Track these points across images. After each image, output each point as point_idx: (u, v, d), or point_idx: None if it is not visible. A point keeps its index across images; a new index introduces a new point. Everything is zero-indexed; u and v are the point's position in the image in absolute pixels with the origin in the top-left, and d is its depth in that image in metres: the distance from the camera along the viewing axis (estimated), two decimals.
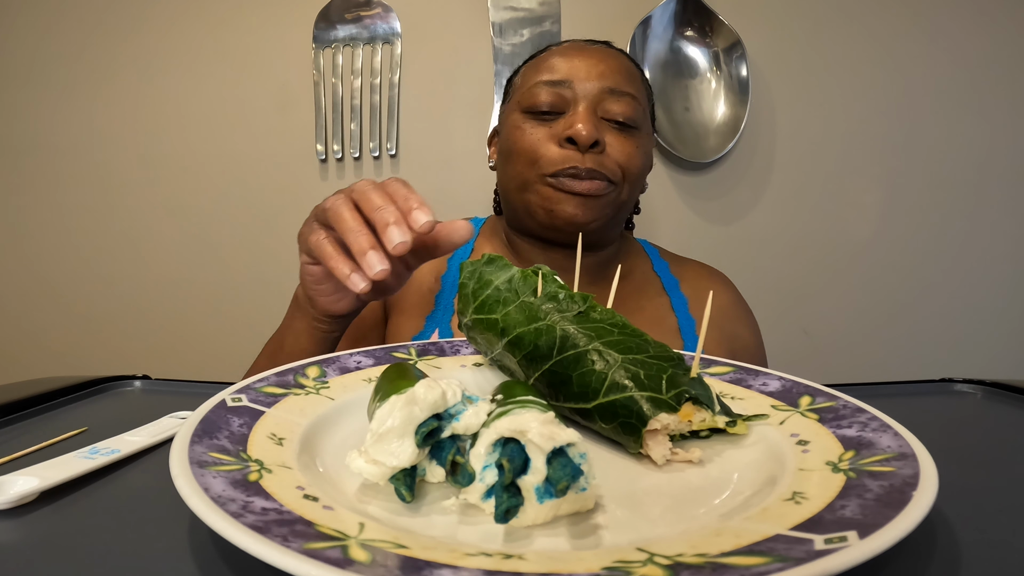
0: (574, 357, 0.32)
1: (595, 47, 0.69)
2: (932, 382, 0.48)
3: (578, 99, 0.65)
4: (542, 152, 0.64)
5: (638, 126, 0.66)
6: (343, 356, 0.41)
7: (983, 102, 1.15)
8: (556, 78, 0.66)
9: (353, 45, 1.17)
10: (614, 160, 0.64)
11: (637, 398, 0.30)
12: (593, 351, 0.32)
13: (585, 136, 0.62)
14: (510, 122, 0.68)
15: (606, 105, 0.65)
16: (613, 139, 0.65)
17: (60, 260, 1.27)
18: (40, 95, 1.24)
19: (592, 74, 0.65)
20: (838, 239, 1.19)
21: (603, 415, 0.30)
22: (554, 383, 0.33)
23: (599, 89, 0.65)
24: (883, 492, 0.22)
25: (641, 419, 0.29)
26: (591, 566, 0.19)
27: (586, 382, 0.31)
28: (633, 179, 0.66)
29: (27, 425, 0.38)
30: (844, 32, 1.15)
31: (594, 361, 0.31)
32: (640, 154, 0.66)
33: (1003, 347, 1.20)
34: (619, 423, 0.30)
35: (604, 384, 0.30)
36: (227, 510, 0.20)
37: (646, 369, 0.31)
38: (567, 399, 0.32)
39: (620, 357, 0.31)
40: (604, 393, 0.30)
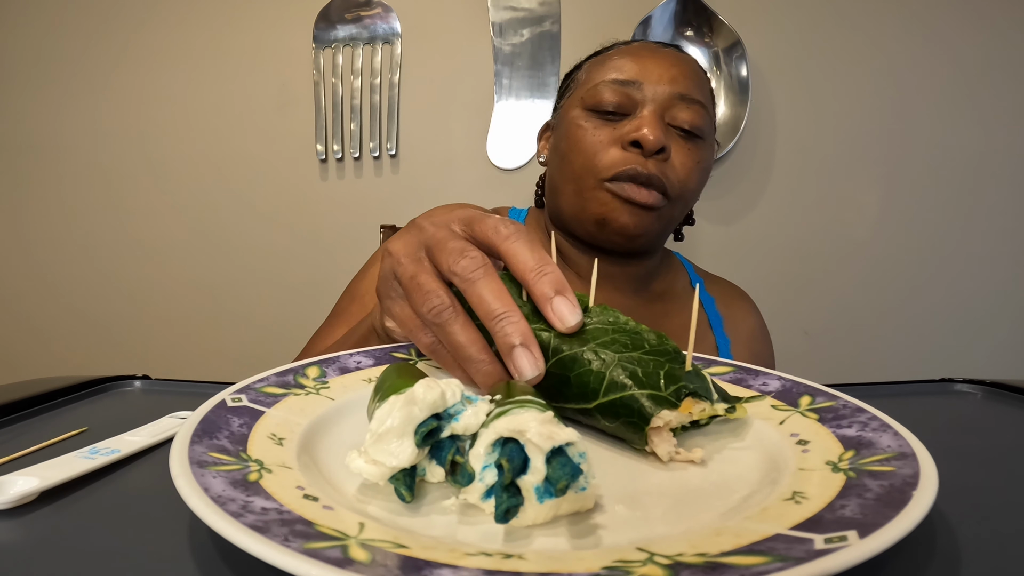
0: (570, 358, 0.32)
1: (667, 50, 0.67)
2: (932, 382, 0.48)
3: (646, 102, 0.62)
4: (603, 154, 0.62)
5: (704, 136, 0.64)
6: (343, 356, 0.40)
7: (982, 102, 1.15)
8: (625, 78, 0.63)
9: (353, 45, 1.17)
10: (676, 172, 0.62)
11: (637, 396, 0.30)
12: (589, 351, 0.32)
13: (652, 140, 0.59)
14: (570, 118, 0.66)
15: (674, 111, 0.62)
16: (677, 149, 0.62)
17: (60, 260, 1.27)
18: (41, 96, 1.24)
19: (664, 77, 0.63)
20: (838, 239, 1.19)
21: (605, 414, 0.31)
22: (554, 384, 0.33)
23: (669, 94, 0.62)
24: (883, 492, 0.22)
25: (643, 418, 0.29)
26: (591, 566, 0.19)
27: (584, 382, 0.31)
28: (690, 194, 0.64)
29: (27, 425, 0.38)
30: (844, 32, 1.15)
31: (590, 361, 0.31)
32: (701, 168, 0.64)
33: (1003, 347, 1.20)
34: (622, 422, 0.30)
35: (603, 384, 0.30)
36: (227, 510, 0.20)
37: (643, 367, 0.31)
38: (568, 400, 0.32)
39: (616, 356, 0.31)
40: (604, 393, 0.30)
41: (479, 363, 0.33)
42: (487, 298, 0.33)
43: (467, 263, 0.34)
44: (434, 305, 0.34)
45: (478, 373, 0.34)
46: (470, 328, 0.34)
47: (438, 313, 0.34)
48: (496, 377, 0.33)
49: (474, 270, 0.34)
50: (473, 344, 0.34)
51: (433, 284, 0.35)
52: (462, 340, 0.34)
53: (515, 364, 0.31)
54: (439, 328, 0.34)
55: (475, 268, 0.34)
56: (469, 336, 0.34)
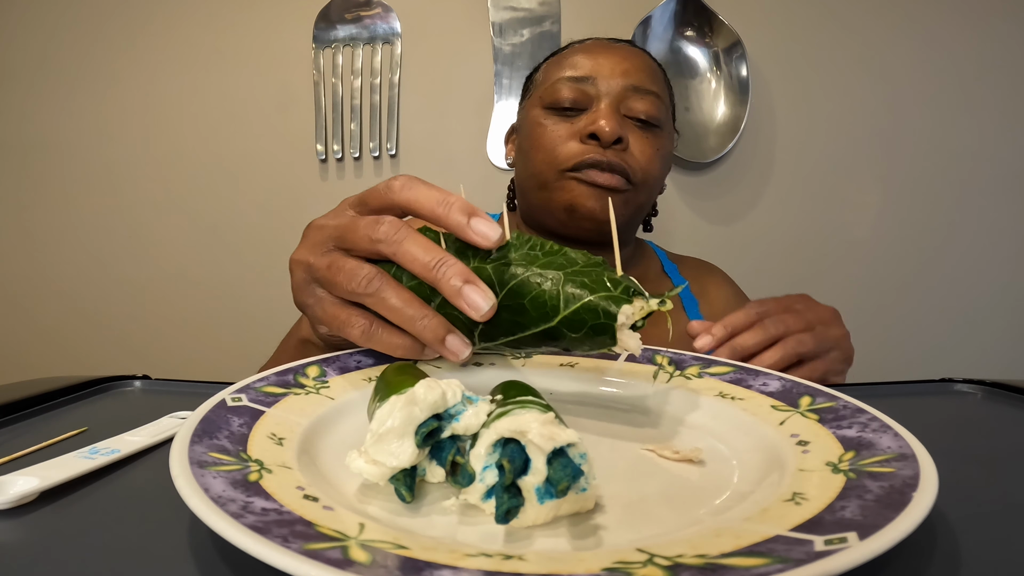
0: (519, 284, 0.33)
1: (619, 45, 0.69)
2: (932, 382, 0.48)
3: (601, 96, 0.64)
4: (563, 147, 0.64)
5: (660, 125, 0.66)
6: (343, 356, 0.40)
7: (982, 102, 1.15)
8: (579, 74, 0.66)
9: (353, 45, 1.17)
10: (635, 159, 0.64)
11: (596, 300, 0.31)
12: (533, 275, 0.33)
13: (608, 132, 0.61)
14: (531, 118, 0.68)
15: (629, 103, 0.64)
16: (635, 138, 0.64)
17: (60, 260, 1.27)
18: (41, 96, 1.24)
19: (616, 71, 0.65)
20: (838, 239, 1.19)
21: (571, 326, 0.32)
22: (511, 316, 0.33)
23: (623, 86, 0.64)
24: (883, 493, 0.22)
25: (609, 316, 0.31)
26: (591, 567, 0.19)
27: (542, 302, 0.32)
28: (652, 180, 0.66)
29: (27, 425, 0.38)
30: (844, 32, 1.15)
31: (539, 283, 0.32)
32: (660, 155, 0.66)
33: (1003, 347, 1.20)
34: (589, 328, 0.31)
35: (560, 299, 0.32)
36: (227, 510, 0.20)
37: (587, 277, 0.32)
38: (529, 325, 0.33)
39: (560, 273, 0.32)
40: (564, 306, 0.32)
41: (421, 319, 0.34)
42: (419, 253, 0.33)
43: (387, 228, 0.34)
44: (362, 276, 0.34)
45: (424, 329, 0.34)
46: (403, 290, 0.34)
47: (368, 282, 0.34)
48: (441, 330, 0.34)
49: (397, 231, 0.34)
50: (410, 303, 0.34)
51: (352, 263, 0.35)
52: (398, 302, 0.34)
53: (467, 302, 0.32)
54: (373, 298, 0.34)
55: (397, 229, 0.34)
56: (404, 297, 0.34)
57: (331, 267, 0.36)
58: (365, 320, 0.36)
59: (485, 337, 0.35)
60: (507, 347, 0.35)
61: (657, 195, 0.72)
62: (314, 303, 0.38)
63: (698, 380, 0.39)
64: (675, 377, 0.40)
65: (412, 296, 0.34)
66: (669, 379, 0.40)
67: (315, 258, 0.37)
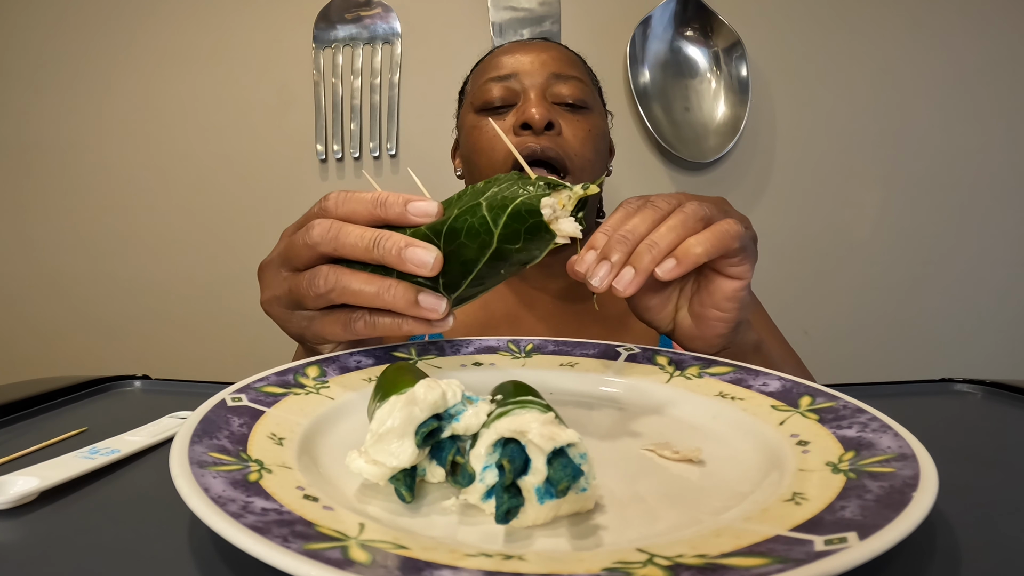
0: (450, 231, 0.34)
1: (536, 41, 0.72)
2: (932, 382, 0.48)
3: (527, 88, 0.66)
4: (499, 145, 0.65)
5: (589, 107, 0.67)
6: (343, 356, 0.40)
7: (982, 102, 1.15)
8: (503, 73, 0.68)
9: (353, 45, 1.17)
10: (569, 143, 0.65)
11: (517, 206, 0.33)
12: (460, 214, 0.34)
13: (538, 118, 0.62)
14: (466, 125, 0.70)
15: (554, 89, 0.66)
16: (566, 122, 0.65)
17: (60, 260, 1.27)
18: (41, 96, 1.24)
19: (536, 62, 0.67)
20: (838, 239, 1.19)
21: (509, 240, 0.33)
22: (457, 260, 0.34)
23: (545, 75, 0.66)
24: (883, 493, 0.22)
25: (533, 213, 0.32)
26: (591, 567, 0.19)
27: (475, 233, 0.34)
28: (589, 163, 0.66)
29: (27, 425, 0.38)
30: (844, 32, 1.15)
31: (467, 218, 0.34)
32: (593, 135, 0.67)
33: (1003, 347, 1.20)
34: (523, 233, 0.33)
35: (489, 221, 0.33)
36: (227, 510, 0.20)
37: (504, 192, 0.34)
38: (477, 259, 0.34)
39: (481, 201, 0.34)
40: (495, 225, 0.33)
41: (387, 290, 0.35)
42: (356, 240, 0.35)
43: (318, 230, 0.36)
44: (318, 278, 0.36)
45: (394, 298, 0.35)
46: (358, 272, 0.36)
47: (324, 280, 0.36)
48: (410, 293, 0.35)
49: (329, 227, 0.36)
50: (370, 280, 0.36)
51: (306, 273, 0.37)
52: (359, 284, 0.36)
53: (412, 263, 0.34)
54: (336, 291, 0.36)
55: (328, 226, 0.36)
56: (362, 277, 0.36)
57: (292, 288, 0.38)
58: (358, 312, 0.37)
59: (450, 289, 0.36)
60: (473, 288, 0.36)
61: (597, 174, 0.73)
62: (306, 326, 0.40)
63: (698, 380, 0.39)
64: (675, 377, 0.40)
65: (370, 274, 0.36)
66: (669, 379, 0.40)
67: (279, 290, 0.39)
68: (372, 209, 0.36)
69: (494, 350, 0.45)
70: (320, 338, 0.39)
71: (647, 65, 1.13)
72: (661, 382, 0.39)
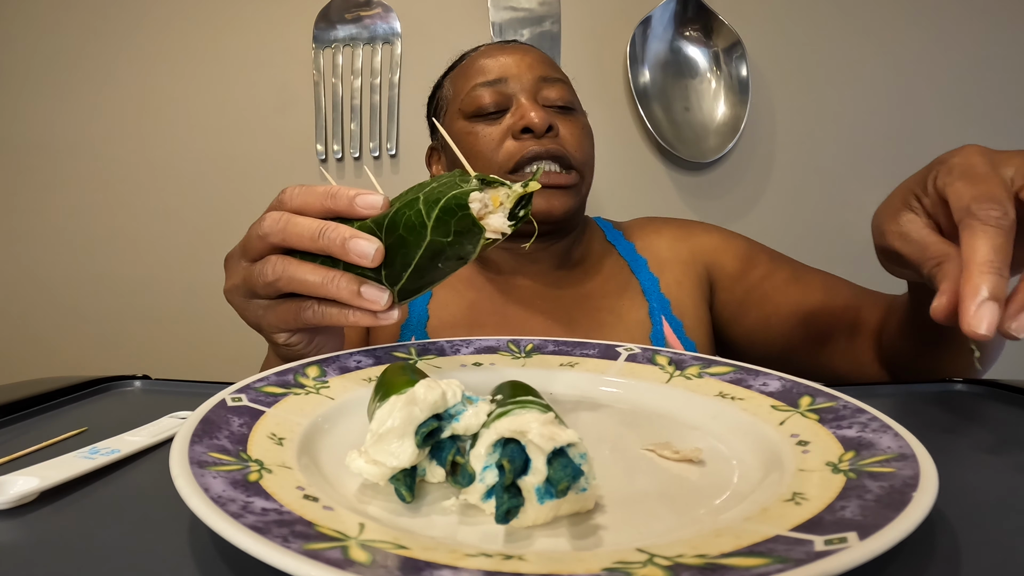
0: (391, 223, 0.36)
1: (512, 44, 0.72)
2: (932, 382, 0.48)
3: (518, 92, 0.66)
4: (500, 149, 0.65)
5: (575, 108, 0.69)
6: (343, 356, 0.41)
7: (983, 101, 1.15)
8: (492, 77, 0.67)
9: (353, 45, 1.17)
10: (569, 143, 0.66)
11: (448, 201, 0.34)
12: (401, 207, 0.36)
13: (539, 122, 0.63)
14: (456, 131, 0.69)
15: (543, 93, 0.67)
16: (561, 124, 0.66)
17: (60, 260, 1.27)
18: (39, 96, 1.24)
19: (523, 66, 0.67)
20: (838, 239, 1.19)
21: (440, 232, 0.34)
22: (397, 251, 0.36)
23: (533, 79, 0.67)
24: (883, 493, 0.22)
25: (462, 207, 0.34)
26: (591, 567, 0.19)
27: (412, 226, 0.35)
28: (588, 159, 0.68)
29: (27, 425, 0.38)
30: (844, 32, 1.15)
31: (406, 211, 0.35)
32: (587, 134, 0.69)
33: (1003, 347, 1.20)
34: (453, 227, 0.34)
35: (424, 214, 0.34)
36: (227, 510, 0.20)
37: (442, 188, 0.35)
38: (413, 250, 0.35)
39: (419, 195, 0.35)
40: (428, 217, 0.34)
41: (332, 280, 0.37)
42: (303, 230, 0.37)
43: (269, 220, 0.38)
44: (267, 267, 0.38)
45: (338, 289, 0.36)
46: (305, 263, 0.38)
47: (273, 268, 0.38)
48: (354, 284, 0.36)
49: (278, 219, 0.38)
50: (315, 270, 0.37)
51: (257, 263, 0.39)
52: (305, 273, 0.37)
53: (355, 253, 0.35)
54: (284, 279, 0.38)
55: (278, 217, 0.38)
56: (308, 267, 0.37)
57: (247, 277, 0.40)
58: (307, 302, 0.39)
59: (392, 281, 0.37)
60: (415, 282, 0.37)
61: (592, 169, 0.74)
62: (261, 315, 0.41)
63: (698, 380, 0.39)
64: (675, 377, 0.40)
65: (316, 265, 0.37)
66: (669, 379, 0.40)
67: (237, 279, 0.41)
68: (323, 201, 0.38)
69: (494, 350, 0.45)
70: (273, 327, 0.41)
71: (647, 65, 1.13)
72: (661, 382, 0.39)
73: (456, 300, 0.69)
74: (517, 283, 0.70)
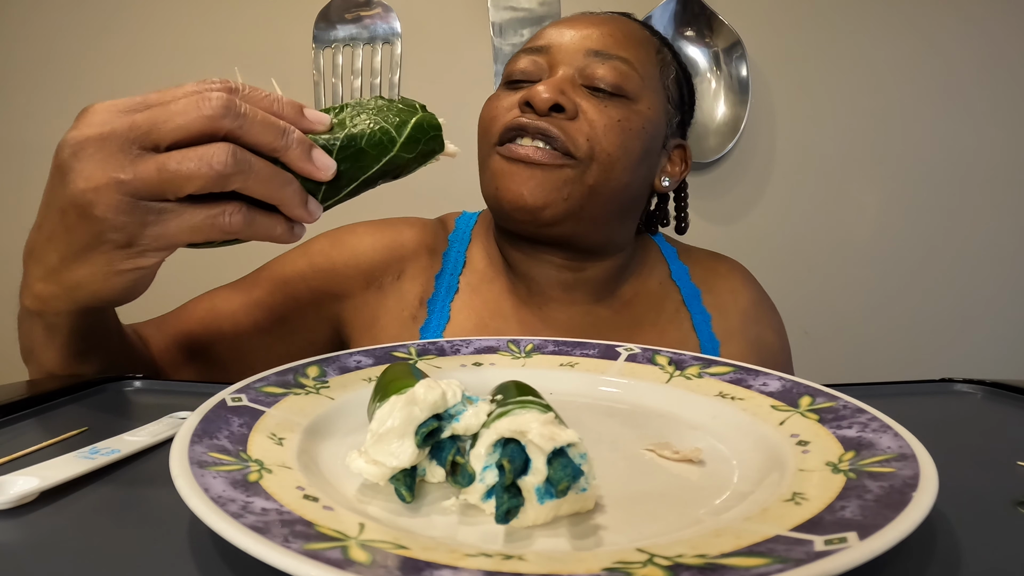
0: (348, 136, 0.36)
1: (595, 15, 0.60)
2: (932, 382, 0.48)
3: (556, 65, 0.55)
4: (499, 119, 0.55)
5: (630, 96, 0.55)
6: (343, 356, 0.41)
7: (982, 102, 1.15)
8: (538, 44, 0.57)
9: (353, 45, 1.17)
10: (585, 128, 0.53)
11: (420, 119, 0.37)
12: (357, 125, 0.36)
13: (543, 97, 0.52)
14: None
15: (588, 70, 0.54)
16: (591, 106, 0.53)
17: None
18: (40, 96, 1.24)
19: (576, 37, 0.56)
20: (838, 239, 1.19)
21: (408, 147, 0.37)
22: (350, 168, 0.36)
23: (580, 52, 0.55)
24: (883, 493, 0.22)
25: (434, 125, 0.38)
26: (591, 567, 0.19)
27: (377, 141, 0.36)
28: (606, 156, 0.53)
29: (27, 425, 0.38)
30: (844, 32, 1.15)
31: (366, 128, 0.36)
32: (623, 128, 0.54)
33: (1003, 347, 1.20)
34: (422, 144, 0.37)
35: (392, 130, 0.36)
36: (227, 510, 0.20)
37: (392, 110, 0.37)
38: (373, 161, 0.36)
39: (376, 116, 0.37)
40: (398, 134, 0.36)
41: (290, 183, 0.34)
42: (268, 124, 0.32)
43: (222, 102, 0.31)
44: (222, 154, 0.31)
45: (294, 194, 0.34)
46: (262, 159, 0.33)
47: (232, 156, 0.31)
48: (304, 193, 0.34)
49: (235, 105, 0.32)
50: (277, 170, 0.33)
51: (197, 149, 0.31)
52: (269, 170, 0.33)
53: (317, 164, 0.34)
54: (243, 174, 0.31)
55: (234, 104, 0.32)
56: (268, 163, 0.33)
57: (163, 168, 0.31)
58: (238, 205, 0.33)
59: (329, 196, 0.37)
60: (346, 197, 0.38)
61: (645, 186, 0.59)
62: (155, 220, 0.32)
63: (698, 380, 0.39)
64: (675, 377, 0.40)
65: (271, 164, 0.33)
66: (669, 379, 0.40)
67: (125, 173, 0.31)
68: (269, 105, 0.33)
69: (494, 350, 0.45)
70: (167, 239, 0.33)
71: None
72: (661, 382, 0.39)
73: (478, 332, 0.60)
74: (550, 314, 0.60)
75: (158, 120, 0.31)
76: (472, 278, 0.62)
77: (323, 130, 0.35)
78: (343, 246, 0.63)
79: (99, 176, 0.31)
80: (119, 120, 0.32)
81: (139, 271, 0.36)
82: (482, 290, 0.61)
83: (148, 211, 0.32)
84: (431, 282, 0.62)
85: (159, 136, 0.31)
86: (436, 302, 0.60)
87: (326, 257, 0.62)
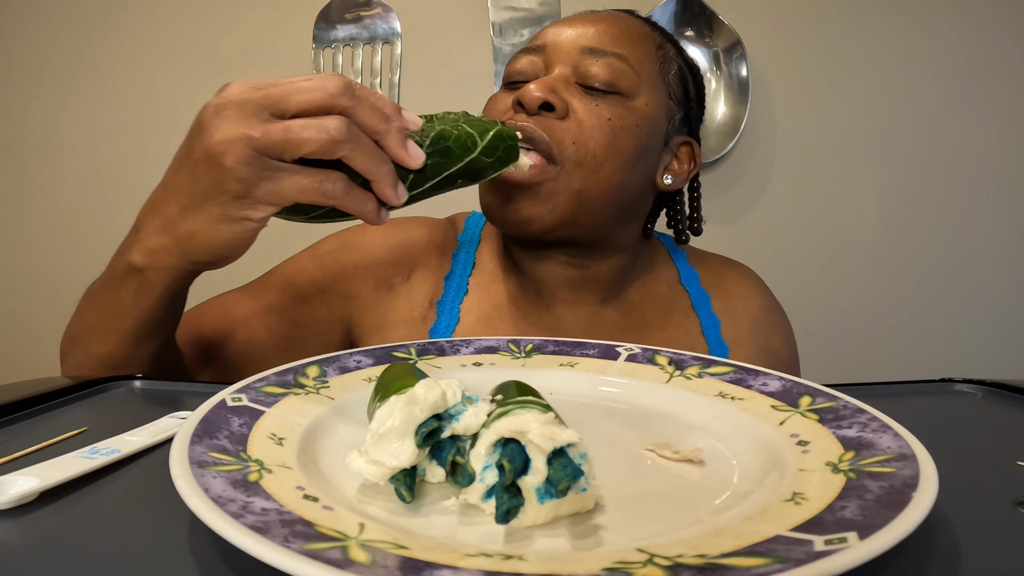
0: (438, 134, 0.41)
1: (595, 13, 0.59)
2: (932, 382, 0.48)
3: (552, 64, 0.55)
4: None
5: (626, 93, 0.54)
6: (343, 356, 0.41)
7: (982, 102, 1.15)
8: (535, 44, 0.57)
9: (353, 45, 1.17)
10: (570, 131, 0.52)
11: (500, 129, 0.43)
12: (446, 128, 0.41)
13: (530, 97, 0.51)
14: None
15: (583, 68, 0.53)
16: (582, 105, 0.52)
17: (60, 260, 1.27)
18: (41, 96, 1.24)
19: (572, 35, 0.55)
20: (838, 239, 1.19)
21: (488, 152, 0.42)
22: (436, 162, 0.40)
23: (575, 50, 0.54)
24: (883, 493, 0.22)
25: (511, 136, 0.44)
26: (591, 567, 0.19)
27: (463, 142, 0.41)
28: (593, 157, 0.52)
29: (27, 425, 0.38)
30: (844, 32, 1.15)
31: (453, 132, 0.41)
32: (613, 127, 0.52)
33: (1003, 347, 1.20)
34: (500, 151, 0.43)
35: (475, 135, 0.42)
36: (227, 510, 0.20)
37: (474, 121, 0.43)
38: (455, 158, 0.41)
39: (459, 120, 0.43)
40: (481, 138, 0.42)
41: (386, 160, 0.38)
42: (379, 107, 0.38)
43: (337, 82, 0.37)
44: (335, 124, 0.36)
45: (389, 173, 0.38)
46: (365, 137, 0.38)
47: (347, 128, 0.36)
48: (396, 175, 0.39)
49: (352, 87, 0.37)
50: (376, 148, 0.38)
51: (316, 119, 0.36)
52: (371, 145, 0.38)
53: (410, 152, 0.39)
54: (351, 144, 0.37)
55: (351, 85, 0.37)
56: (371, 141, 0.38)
57: (288, 129, 0.36)
58: (341, 174, 0.38)
59: (415, 185, 0.41)
60: (429, 192, 0.42)
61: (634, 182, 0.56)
62: (271, 176, 0.37)
63: (698, 380, 0.39)
64: (675, 377, 0.40)
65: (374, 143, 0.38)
66: (669, 379, 0.40)
67: (256, 131, 0.36)
68: (376, 98, 0.39)
69: (494, 350, 0.45)
70: (278, 195, 0.38)
71: None
72: (661, 382, 0.39)
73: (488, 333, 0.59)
74: (559, 315, 0.60)
75: (289, 92, 0.37)
76: (482, 279, 0.62)
77: (415, 129, 0.40)
78: (352, 247, 0.63)
79: (234, 132, 0.36)
80: (254, 92, 0.38)
81: (246, 224, 0.40)
82: (491, 291, 0.62)
83: (267, 167, 0.37)
84: (440, 283, 0.62)
85: (287, 105, 0.37)
86: (446, 303, 0.60)
87: (335, 258, 0.62)
